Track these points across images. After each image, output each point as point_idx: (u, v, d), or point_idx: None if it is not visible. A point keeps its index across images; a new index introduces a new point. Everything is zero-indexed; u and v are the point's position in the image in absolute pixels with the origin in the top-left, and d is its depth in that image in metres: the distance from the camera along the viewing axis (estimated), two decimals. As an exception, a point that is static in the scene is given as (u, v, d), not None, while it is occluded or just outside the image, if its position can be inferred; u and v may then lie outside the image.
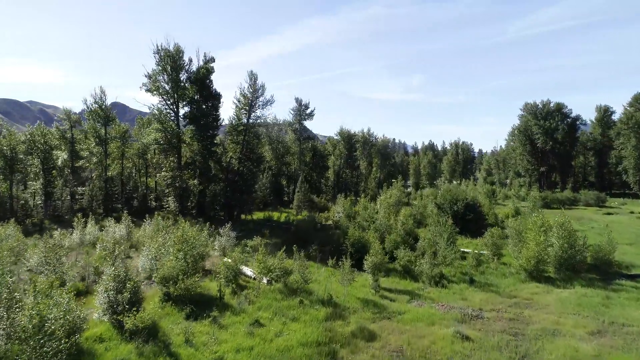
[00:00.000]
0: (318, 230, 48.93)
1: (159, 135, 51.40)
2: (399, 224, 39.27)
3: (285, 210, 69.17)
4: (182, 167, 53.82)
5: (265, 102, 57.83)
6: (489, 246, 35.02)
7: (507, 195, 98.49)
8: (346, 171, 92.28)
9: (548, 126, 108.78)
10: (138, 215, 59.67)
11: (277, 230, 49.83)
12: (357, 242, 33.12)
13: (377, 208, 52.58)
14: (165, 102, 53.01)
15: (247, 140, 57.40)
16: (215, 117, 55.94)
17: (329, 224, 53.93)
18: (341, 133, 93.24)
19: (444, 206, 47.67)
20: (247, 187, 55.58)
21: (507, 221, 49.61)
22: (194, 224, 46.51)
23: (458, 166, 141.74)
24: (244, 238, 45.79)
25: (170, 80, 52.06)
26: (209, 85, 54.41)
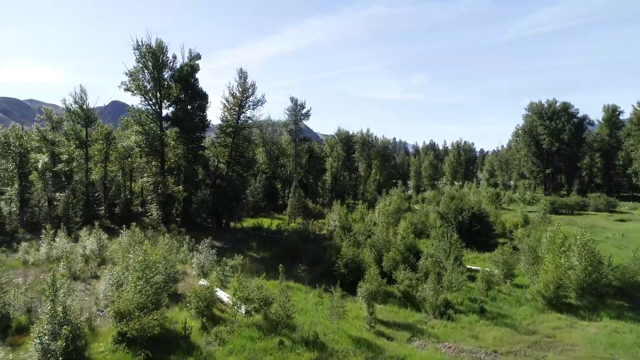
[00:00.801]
0: (311, 242, 45.10)
1: (140, 138, 47.52)
2: (399, 237, 35.40)
3: (279, 217, 65.33)
4: (165, 172, 49.98)
5: (256, 102, 53.95)
6: (499, 265, 31.14)
7: (512, 198, 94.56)
8: (344, 174, 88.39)
9: (554, 127, 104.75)
10: (122, 222, 55.97)
11: (267, 241, 46.00)
12: (351, 262, 29.27)
13: (376, 217, 48.72)
14: (147, 102, 49.15)
15: (236, 143, 53.50)
16: (201, 119, 52.04)
17: (323, 233, 50.11)
18: (339, 134, 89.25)
19: (448, 216, 43.81)
20: (235, 193, 51.70)
21: (516, 232, 45.83)
22: (175, 235, 42.76)
23: (460, 167, 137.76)
24: (230, 250, 42.01)
25: (152, 78, 48.18)
26: (194, 84, 50.48)
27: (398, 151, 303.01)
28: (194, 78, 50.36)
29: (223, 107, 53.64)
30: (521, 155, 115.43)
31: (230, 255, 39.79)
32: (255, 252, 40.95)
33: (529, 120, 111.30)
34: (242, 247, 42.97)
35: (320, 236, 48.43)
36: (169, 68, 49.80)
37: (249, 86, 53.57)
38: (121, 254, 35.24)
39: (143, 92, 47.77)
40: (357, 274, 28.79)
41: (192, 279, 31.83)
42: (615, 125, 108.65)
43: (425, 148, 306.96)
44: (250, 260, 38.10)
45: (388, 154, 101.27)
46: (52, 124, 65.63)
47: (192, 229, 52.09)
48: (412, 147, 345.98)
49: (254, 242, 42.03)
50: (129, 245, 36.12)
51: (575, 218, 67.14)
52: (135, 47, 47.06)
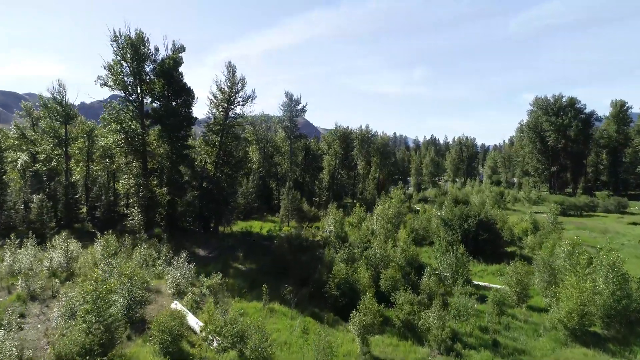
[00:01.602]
0: (304, 250, 41.54)
1: (118, 137, 43.81)
2: (398, 250, 31.81)
3: (272, 220, 61.77)
4: (147, 173, 46.33)
5: (246, 97, 50.15)
6: (512, 285, 27.55)
7: (516, 197, 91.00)
8: (342, 172, 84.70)
9: (560, 123, 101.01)
10: (104, 225, 52.36)
11: (256, 249, 42.47)
12: (344, 283, 25.71)
13: (374, 222, 45.16)
14: (127, 98, 45.38)
15: (224, 141, 49.83)
16: (187, 116, 48.32)
17: (317, 239, 46.56)
18: (337, 131, 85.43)
19: (452, 223, 40.22)
20: (223, 196, 48.05)
21: (526, 240, 42.30)
22: (154, 244, 39.23)
23: (462, 164, 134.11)
24: (214, 261, 38.52)
25: (132, 72, 44.40)
26: (178, 79, 46.68)
27: (398, 146, 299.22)
28: (178, 72, 46.57)
29: (210, 104, 49.97)
30: (525, 152, 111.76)
31: (215, 268, 36.35)
32: (241, 263, 37.44)
33: (534, 116, 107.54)
34: (227, 257, 39.45)
35: (314, 244, 44.84)
36: (151, 61, 46.05)
37: (238, 81, 49.86)
38: (90, 268, 31.82)
39: (122, 87, 44.00)
40: (351, 296, 25.28)
41: (166, 299, 28.29)
42: (624, 121, 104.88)
43: (426, 143, 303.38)
44: (234, 274, 34.63)
45: (388, 151, 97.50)
46: (32, 120, 61.98)
47: (178, 234, 48.60)
48: (413, 142, 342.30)
49: (240, 252, 38.48)
50: (101, 257, 32.73)
51: (585, 221, 63.57)
52: (113, 38, 43.24)
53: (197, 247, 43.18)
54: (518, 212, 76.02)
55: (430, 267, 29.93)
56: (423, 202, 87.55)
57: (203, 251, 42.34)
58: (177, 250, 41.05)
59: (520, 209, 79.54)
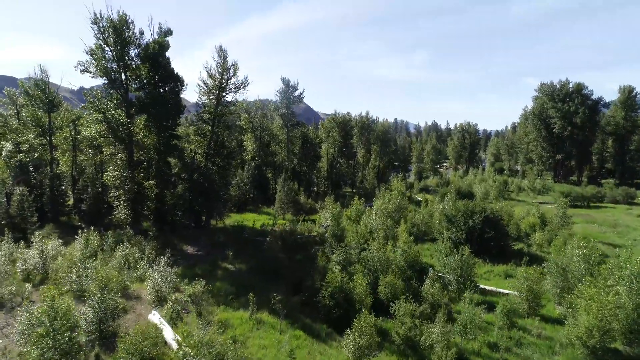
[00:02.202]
0: (299, 247, 39.27)
1: (101, 127, 41.13)
2: (398, 252, 29.41)
3: (268, 212, 59.38)
4: (134, 165, 43.79)
5: (238, 84, 47.31)
6: (523, 293, 25.21)
7: (520, 187, 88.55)
8: (341, 161, 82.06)
9: (566, 109, 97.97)
10: (91, 219, 50.04)
11: (248, 246, 40.14)
12: (339, 293, 23.36)
13: (373, 217, 42.76)
14: (111, 85, 42.57)
15: (215, 131, 47.18)
16: (175, 104, 45.57)
17: (313, 234, 44.22)
18: (335, 118, 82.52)
19: (456, 219, 37.78)
20: (214, 189, 45.55)
21: (534, 236, 39.92)
22: (138, 242, 36.90)
23: (464, 151, 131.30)
24: (202, 260, 36.24)
25: (116, 57, 41.53)
26: (165, 65, 43.78)
27: (399, 132, 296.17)
28: (164, 57, 43.65)
29: (200, 91, 47.17)
30: (530, 139, 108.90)
31: (202, 268, 34.09)
32: (231, 263, 35.11)
33: (539, 103, 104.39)
34: (217, 256, 37.14)
35: (309, 240, 42.53)
36: (136, 45, 43.12)
37: (229, 66, 46.95)
38: (65, 272, 29.48)
39: (104, 73, 41.16)
40: (346, 307, 22.98)
41: (145, 307, 26.02)
42: (632, 108, 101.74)
43: (427, 129, 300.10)
44: (223, 276, 32.33)
45: (388, 139, 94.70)
46: (16, 108, 59.19)
47: (167, 229, 46.27)
48: (414, 128, 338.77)
49: (230, 251, 36.12)
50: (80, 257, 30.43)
51: (593, 213, 61.15)
52: (94, 20, 40.26)
53: (186, 244, 40.90)
54: (522, 202, 73.69)
55: (433, 271, 27.54)
56: (424, 191, 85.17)
57: (192, 248, 40.05)
58: (165, 248, 38.87)
59: (524, 200, 77.17)
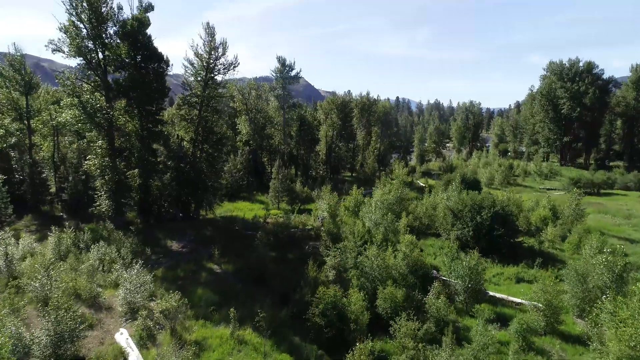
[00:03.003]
0: (292, 244, 36.47)
1: (76, 113, 37.72)
2: (400, 255, 26.43)
3: (262, 200, 56.33)
4: (115, 153, 40.59)
5: (228, 64, 43.69)
6: (540, 306, 22.33)
7: (526, 170, 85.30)
8: (340, 144, 78.63)
9: (576, 90, 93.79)
10: (75, 209, 47.12)
11: (237, 242, 37.21)
12: (331, 310, 20.47)
13: (372, 210, 39.72)
14: (88, 66, 38.99)
15: (203, 116, 43.82)
16: (159, 87, 42.10)
17: (308, 227, 41.36)
18: (334, 99, 78.67)
19: (463, 215, 34.74)
20: (200, 178, 42.40)
21: (546, 232, 36.95)
22: (117, 239, 33.99)
23: (468, 132, 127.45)
24: (185, 259, 33.39)
25: (91, 35, 37.83)
26: (147, 44, 40.09)
27: (401, 111, 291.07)
28: (145, 35, 39.93)
29: (186, 72, 43.61)
30: (536, 120, 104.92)
31: (184, 269, 31.26)
32: (217, 263, 32.25)
33: (547, 82, 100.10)
34: (203, 253, 34.29)
35: (304, 234, 39.70)
36: (114, 22, 39.40)
37: (218, 45, 43.32)
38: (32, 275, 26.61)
39: (78, 53, 37.53)
40: (340, 326, 20.15)
41: (115, 322, 23.21)
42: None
43: (429, 108, 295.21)
44: (206, 279, 29.47)
45: (390, 120, 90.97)
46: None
47: (153, 220, 43.50)
48: (416, 107, 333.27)
49: (217, 249, 33.22)
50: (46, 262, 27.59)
51: (605, 201, 58.08)
52: (65, -7, 36.47)
53: (171, 239, 38.00)
54: (529, 189, 70.67)
55: (437, 280, 24.59)
56: (427, 176, 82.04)
57: (177, 244, 37.15)
58: (147, 244, 36.31)
59: (531, 185, 74.10)
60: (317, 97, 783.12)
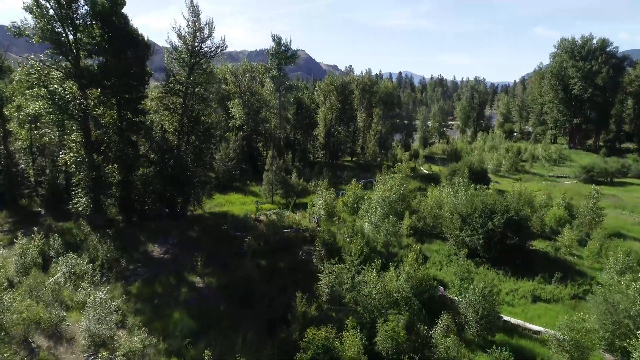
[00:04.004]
0: (283, 248, 33.30)
1: (45, 105, 33.99)
2: (402, 277, 23.23)
3: (256, 191, 52.98)
4: (93, 146, 37.07)
5: (214, 48, 39.68)
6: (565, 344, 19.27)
7: (534, 155, 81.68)
8: (339, 129, 74.74)
9: (588, 69, 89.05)
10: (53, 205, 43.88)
11: (225, 245, 34.08)
12: (322, 354, 17.39)
13: (372, 209, 36.42)
14: (58, 51, 35.04)
15: (189, 105, 40.07)
16: (139, 73, 38.23)
17: (303, 228, 38.17)
18: (333, 81, 74.25)
19: (473, 219, 31.44)
20: (185, 174, 38.96)
21: (563, 237, 33.74)
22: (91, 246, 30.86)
23: (473, 112, 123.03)
24: (165, 270, 30.33)
25: (60, 16, 33.74)
26: (122, 26, 35.98)
27: (404, 87, 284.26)
28: (120, 16, 35.82)
29: (167, 56, 39.62)
30: (545, 100, 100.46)
31: (162, 284, 28.23)
32: (200, 276, 29.17)
33: (557, 61, 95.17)
34: (185, 261, 31.16)
35: (298, 236, 36.50)
36: (87, 1, 35.23)
37: (203, 25, 39.21)
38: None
39: (44, 36, 33.54)
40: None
41: (75, 359, 20.27)
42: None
43: (433, 84, 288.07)
44: (185, 296, 26.44)
45: (392, 102, 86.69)
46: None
47: (137, 218, 40.32)
48: (419, 82, 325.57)
49: (200, 257, 30.10)
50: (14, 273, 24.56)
51: (619, 193, 54.68)
52: (27, -32, 32.28)
53: (153, 243, 34.83)
54: (538, 176, 67.27)
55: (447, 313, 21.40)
56: (430, 161, 78.48)
57: (159, 249, 34.01)
58: (126, 248, 33.29)
59: (540, 172, 70.63)
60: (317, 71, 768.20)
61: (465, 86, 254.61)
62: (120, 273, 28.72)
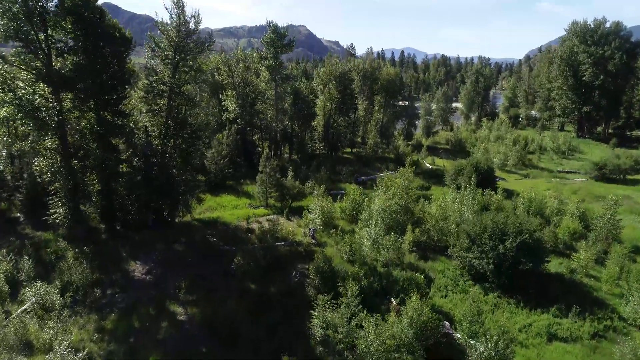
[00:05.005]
0: (275, 267, 30.71)
1: (11, 110, 30.84)
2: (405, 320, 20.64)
3: (250, 191, 50.08)
4: (68, 153, 34.11)
5: (200, 44, 36.22)
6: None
7: (542, 146, 78.50)
8: (338, 120, 71.26)
9: (600, 54, 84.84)
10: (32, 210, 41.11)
11: (212, 265, 31.53)
12: None
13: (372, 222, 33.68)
14: (27, 50, 31.72)
15: (174, 105, 36.89)
16: (119, 72, 34.96)
17: (296, 241, 35.49)
18: (332, 70, 70.38)
19: (481, 241, 28.68)
20: (169, 182, 36.01)
21: (579, 255, 31.10)
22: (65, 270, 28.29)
23: (477, 96, 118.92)
24: (147, 292, 27.89)
25: (25, 10, 30.28)
26: (96, 21, 32.51)
27: (406, 67, 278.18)
28: (94, 10, 32.33)
29: (149, 54, 36.26)
30: (554, 87, 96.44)
31: (142, 317, 25.64)
32: (182, 304, 26.64)
33: (568, 46, 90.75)
34: (168, 284, 28.67)
35: (292, 250, 33.89)
36: (58, -8, 31.71)
37: (189, 18, 35.73)
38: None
39: (10, 34, 30.17)
40: None
41: None
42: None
43: (436, 63, 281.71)
44: (165, 332, 23.96)
45: (395, 89, 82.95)
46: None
47: (121, 227, 37.72)
48: (422, 60, 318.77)
49: (184, 282, 27.57)
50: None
51: (633, 192, 51.76)
52: (-15, -42, 28.70)
53: (135, 259, 32.28)
54: (546, 172, 64.23)
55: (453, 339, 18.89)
56: (433, 153, 75.37)
57: (141, 267, 31.46)
58: (106, 267, 30.84)
59: (548, 167, 67.53)
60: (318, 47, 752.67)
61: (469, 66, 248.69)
62: (95, 302, 26.23)
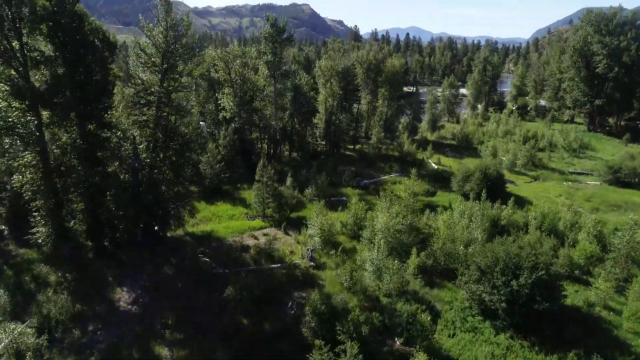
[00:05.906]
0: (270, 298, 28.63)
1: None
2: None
3: (246, 198, 47.84)
4: (49, 170, 31.83)
5: (189, 49, 33.48)
6: None
7: (552, 142, 75.63)
8: (340, 117, 68.43)
9: (615, 45, 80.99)
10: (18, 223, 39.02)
11: (202, 294, 29.52)
12: None
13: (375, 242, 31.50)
14: (3, 58, 29.06)
15: (162, 115, 34.37)
16: (103, 81, 32.36)
17: (293, 264, 33.24)
18: (334, 66, 67.13)
19: (493, 277, 26.39)
20: (158, 201, 33.80)
21: (598, 280, 28.96)
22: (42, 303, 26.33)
23: (485, 86, 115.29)
24: (132, 327, 25.94)
25: None
26: (75, 27, 29.73)
27: (411, 51, 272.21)
28: (72, 16, 29.56)
29: (135, 61, 33.59)
30: (565, 78, 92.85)
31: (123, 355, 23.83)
32: (169, 345, 24.65)
33: (581, 35, 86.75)
34: (155, 316, 26.68)
35: (289, 274, 31.76)
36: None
37: (178, 21, 33.08)
38: None
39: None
40: None
41: None
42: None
43: (442, 46, 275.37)
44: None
45: (399, 82, 79.80)
46: None
47: (109, 243, 35.71)
48: (428, 44, 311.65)
49: (170, 319, 25.60)
50: None
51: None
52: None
53: (121, 285, 30.28)
54: (557, 173, 61.57)
55: None
56: (439, 151, 72.67)
57: (127, 295, 29.45)
58: (89, 294, 28.92)
59: (559, 167, 64.72)
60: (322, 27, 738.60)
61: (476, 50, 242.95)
62: (74, 343, 24.30)
